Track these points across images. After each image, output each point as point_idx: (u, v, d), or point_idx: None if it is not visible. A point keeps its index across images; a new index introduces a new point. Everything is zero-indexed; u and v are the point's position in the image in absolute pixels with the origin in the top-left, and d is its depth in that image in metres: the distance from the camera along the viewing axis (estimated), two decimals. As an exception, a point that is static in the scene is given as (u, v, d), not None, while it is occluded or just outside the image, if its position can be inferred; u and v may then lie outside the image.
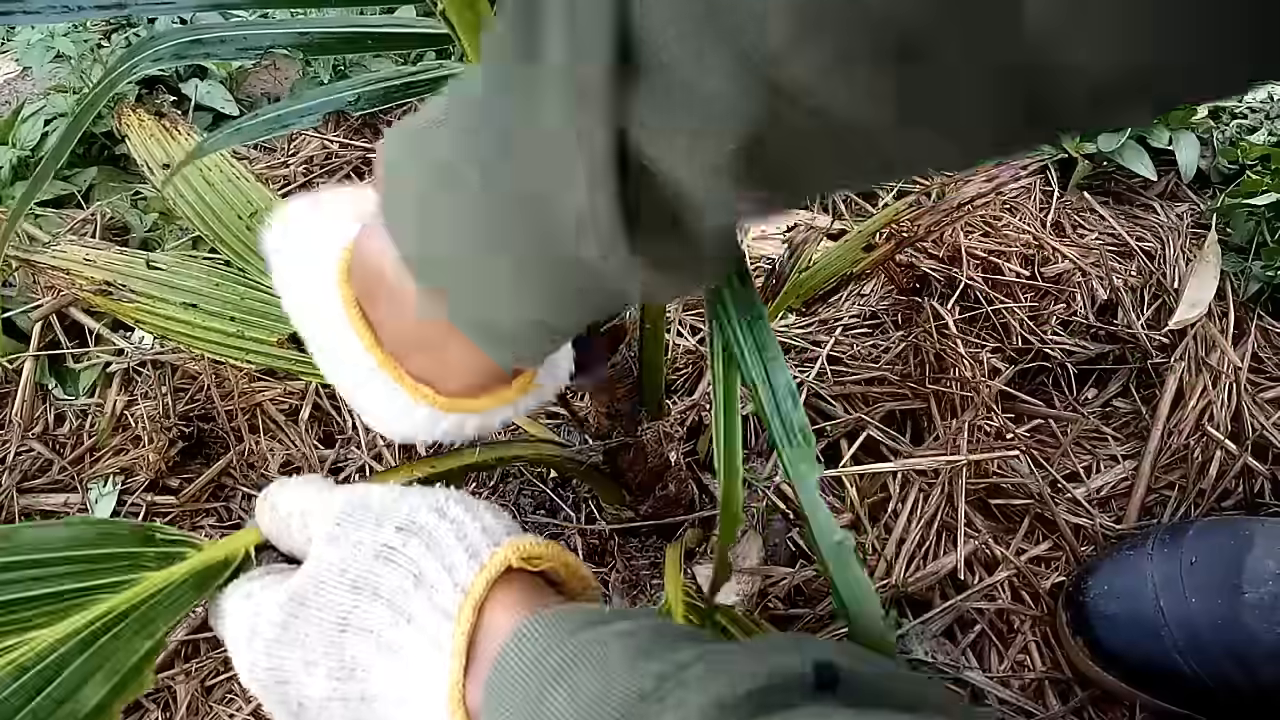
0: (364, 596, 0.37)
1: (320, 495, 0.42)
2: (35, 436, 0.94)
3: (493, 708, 0.34)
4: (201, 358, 0.94)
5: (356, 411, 0.40)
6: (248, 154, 1.19)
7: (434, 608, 0.36)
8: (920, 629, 0.75)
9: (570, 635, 0.33)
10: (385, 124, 1.24)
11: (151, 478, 0.90)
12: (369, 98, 0.55)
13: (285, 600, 0.38)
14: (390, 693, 0.37)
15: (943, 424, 0.87)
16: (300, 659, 0.37)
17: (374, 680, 0.37)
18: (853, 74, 0.22)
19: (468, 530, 0.38)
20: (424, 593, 0.37)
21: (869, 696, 0.29)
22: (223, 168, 0.78)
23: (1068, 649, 0.72)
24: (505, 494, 0.85)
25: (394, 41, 0.55)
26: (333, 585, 0.37)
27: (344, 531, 0.38)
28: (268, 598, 0.39)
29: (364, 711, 0.37)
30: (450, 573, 0.37)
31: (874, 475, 0.84)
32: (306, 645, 0.37)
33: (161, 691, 0.79)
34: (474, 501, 0.41)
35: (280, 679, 0.38)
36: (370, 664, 0.37)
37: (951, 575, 0.79)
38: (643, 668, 0.31)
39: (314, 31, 0.53)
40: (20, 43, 1.27)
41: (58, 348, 0.99)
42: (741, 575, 0.76)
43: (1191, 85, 0.22)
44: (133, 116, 0.83)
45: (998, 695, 0.71)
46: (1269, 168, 1.02)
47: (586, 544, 0.81)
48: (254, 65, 1.34)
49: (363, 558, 0.38)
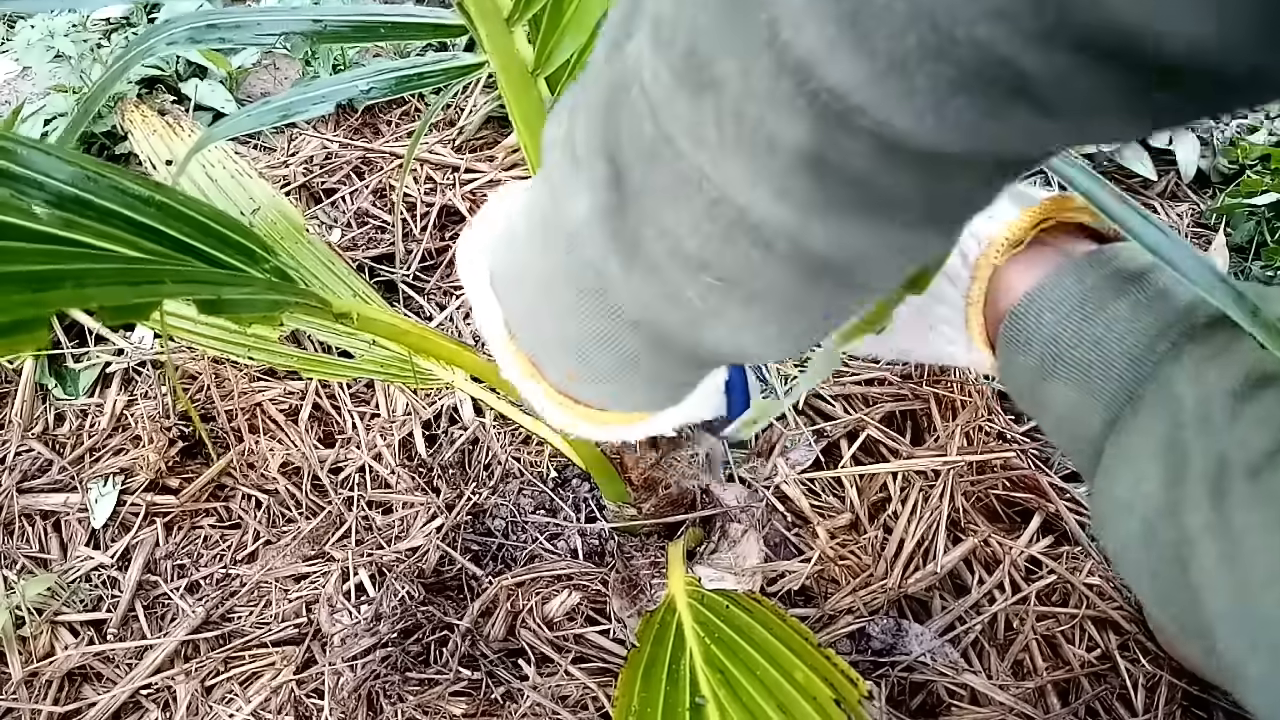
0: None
1: None
2: (35, 436, 0.94)
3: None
4: (202, 357, 0.94)
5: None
6: (247, 154, 1.19)
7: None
8: (920, 629, 0.75)
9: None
10: (385, 124, 1.25)
11: (151, 478, 0.90)
12: (380, 87, 0.55)
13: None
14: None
15: (943, 424, 0.87)
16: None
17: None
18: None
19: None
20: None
21: None
22: (225, 164, 0.78)
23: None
24: (505, 494, 0.85)
25: (408, 30, 0.55)
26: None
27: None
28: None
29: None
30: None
31: (874, 475, 0.84)
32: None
33: (161, 691, 0.78)
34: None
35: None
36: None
37: (952, 575, 0.78)
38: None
39: (328, 19, 0.53)
40: (20, 42, 1.27)
41: (58, 347, 0.99)
42: (741, 575, 0.76)
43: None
44: (135, 113, 0.83)
45: (997, 697, 0.71)
46: (1269, 168, 1.02)
47: (586, 544, 0.81)
48: (254, 65, 1.34)
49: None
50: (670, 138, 0.22)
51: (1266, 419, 0.29)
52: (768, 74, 0.20)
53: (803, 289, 0.24)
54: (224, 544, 0.87)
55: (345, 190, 1.13)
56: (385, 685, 0.73)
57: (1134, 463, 0.33)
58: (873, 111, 0.19)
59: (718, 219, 0.23)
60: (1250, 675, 0.28)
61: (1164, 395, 0.33)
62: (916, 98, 0.18)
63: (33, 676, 0.80)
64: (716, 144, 0.21)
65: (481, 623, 0.77)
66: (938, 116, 0.18)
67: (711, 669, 0.61)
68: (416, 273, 1.06)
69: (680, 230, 0.24)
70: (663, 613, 0.69)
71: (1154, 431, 0.32)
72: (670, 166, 0.23)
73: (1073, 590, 0.78)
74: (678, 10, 0.21)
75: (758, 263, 0.24)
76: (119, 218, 0.39)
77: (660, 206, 0.24)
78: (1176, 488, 0.31)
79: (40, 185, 0.37)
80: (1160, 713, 0.71)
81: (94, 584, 0.85)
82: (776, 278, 0.24)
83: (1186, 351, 0.33)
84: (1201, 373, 0.32)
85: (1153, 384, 0.33)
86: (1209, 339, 0.33)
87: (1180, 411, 0.32)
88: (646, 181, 0.24)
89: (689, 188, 0.23)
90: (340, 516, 0.87)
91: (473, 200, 1.11)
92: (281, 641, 0.80)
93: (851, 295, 0.26)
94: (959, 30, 0.17)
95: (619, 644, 0.75)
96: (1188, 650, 0.30)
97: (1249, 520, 0.28)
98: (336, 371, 0.79)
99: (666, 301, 0.26)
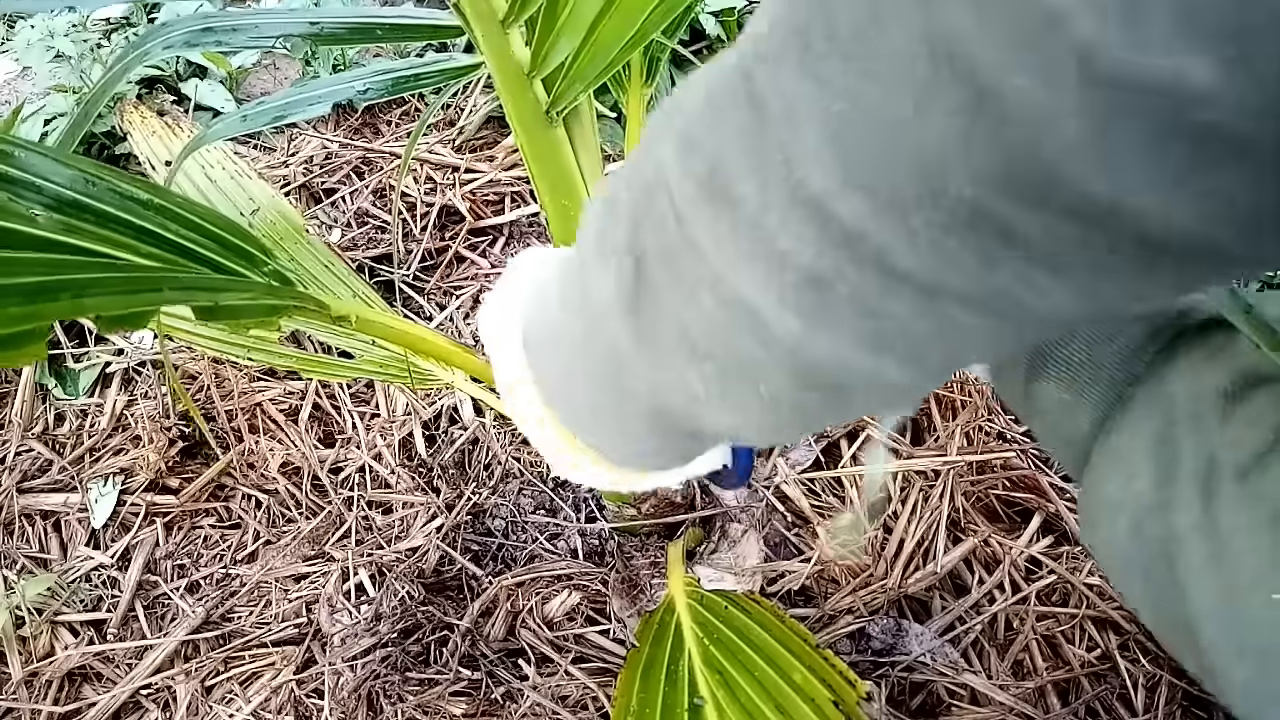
0: None
1: None
2: (35, 436, 0.94)
3: None
4: (202, 357, 0.94)
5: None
6: (247, 154, 1.19)
7: None
8: (920, 629, 0.75)
9: None
10: (385, 123, 1.24)
11: (151, 478, 0.90)
12: (377, 88, 0.55)
13: None
14: None
15: (943, 424, 0.86)
16: None
17: None
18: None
19: None
20: None
21: None
22: (224, 164, 0.78)
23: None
24: (505, 494, 0.85)
25: (405, 32, 0.55)
26: None
27: None
28: None
29: None
30: None
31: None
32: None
33: (161, 691, 0.79)
34: None
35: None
36: None
37: (952, 575, 0.78)
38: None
39: (325, 21, 0.53)
40: (20, 42, 1.27)
41: (58, 347, 0.99)
42: (741, 575, 0.76)
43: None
44: (135, 114, 0.83)
45: (997, 697, 0.71)
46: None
47: (586, 544, 0.81)
48: (254, 65, 1.34)
49: None
50: (692, 240, 0.24)
51: (1257, 419, 0.30)
52: (782, 203, 0.22)
53: (800, 392, 0.26)
54: (224, 544, 0.87)
55: (345, 190, 1.13)
56: (385, 685, 0.73)
57: (1125, 461, 0.33)
58: (877, 245, 0.21)
59: (727, 318, 0.25)
60: (1236, 679, 0.28)
61: (1156, 394, 0.33)
62: (916, 237, 0.20)
63: (33, 676, 0.80)
64: (733, 252, 0.23)
65: (481, 623, 0.77)
66: (936, 256, 0.20)
67: (710, 669, 0.61)
68: (416, 273, 1.06)
69: (692, 325, 0.26)
70: (662, 613, 0.69)
71: (1146, 430, 0.33)
72: (690, 266, 0.25)
73: (1073, 590, 0.78)
74: (704, 133, 0.23)
75: (761, 362, 0.25)
76: (118, 222, 0.39)
77: (676, 301, 0.26)
78: (1167, 486, 0.31)
79: (39, 189, 0.37)
80: (1160, 713, 0.71)
81: (94, 584, 0.85)
82: (778, 378, 0.26)
83: (1180, 352, 0.33)
84: (1195, 373, 0.32)
85: (1144, 384, 0.34)
86: (1204, 341, 0.33)
87: (1173, 410, 0.32)
88: (666, 277, 0.26)
89: (704, 287, 0.25)
90: (340, 516, 0.87)
91: (473, 200, 1.10)
92: (281, 641, 0.80)
93: (846, 409, 0.28)
94: (951, 186, 0.19)
95: (619, 644, 0.75)
96: (1171, 648, 0.31)
97: (1237, 521, 0.29)
98: (336, 372, 0.79)
99: (673, 385, 0.28)
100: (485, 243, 1.09)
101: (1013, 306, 0.22)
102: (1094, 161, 0.17)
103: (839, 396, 0.26)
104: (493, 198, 1.12)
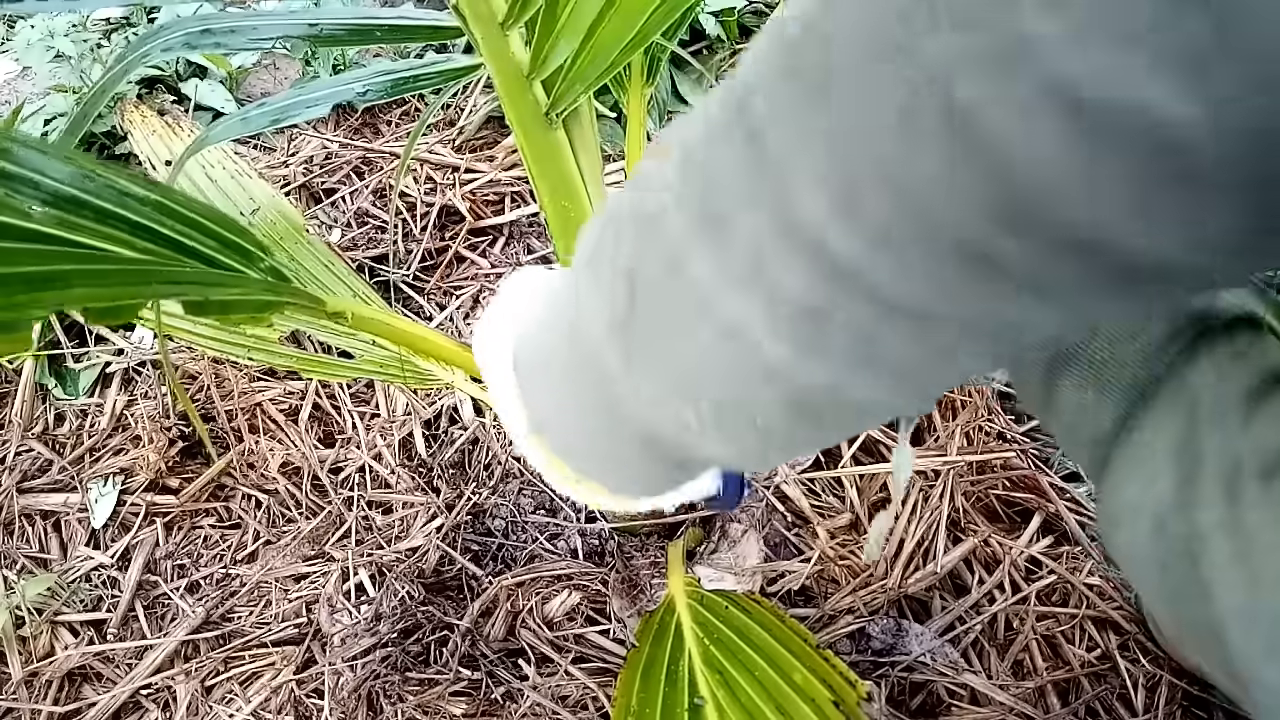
0: None
1: None
2: (35, 436, 0.94)
3: None
4: (202, 357, 0.94)
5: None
6: (247, 154, 1.19)
7: None
8: (920, 629, 0.75)
9: None
10: (386, 124, 1.24)
11: (151, 478, 0.90)
12: (377, 89, 0.55)
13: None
14: None
15: (943, 424, 0.86)
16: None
17: None
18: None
19: None
20: None
21: None
22: (224, 164, 0.78)
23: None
24: (505, 494, 0.85)
25: (404, 33, 0.55)
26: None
27: None
28: None
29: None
30: None
31: (874, 475, 0.84)
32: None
33: (161, 691, 0.79)
34: None
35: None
36: None
37: (952, 575, 0.78)
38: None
39: (324, 23, 0.53)
40: (20, 42, 1.27)
41: (58, 347, 0.99)
42: (741, 575, 0.76)
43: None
44: (135, 113, 0.83)
45: (997, 697, 0.71)
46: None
47: (586, 544, 0.81)
48: (254, 65, 1.34)
49: None
50: (687, 269, 0.24)
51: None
52: (777, 232, 0.22)
53: (793, 419, 0.26)
54: (224, 544, 0.87)
55: (345, 190, 1.13)
56: (385, 685, 0.73)
57: (1148, 460, 0.33)
58: (868, 274, 0.21)
59: (721, 346, 0.25)
60: (1266, 678, 0.28)
61: (1180, 393, 0.33)
62: (907, 267, 0.21)
63: (33, 676, 0.80)
64: (727, 281, 0.24)
65: (481, 623, 0.77)
66: (927, 284, 0.21)
67: (710, 669, 0.61)
68: (416, 273, 1.06)
69: (683, 353, 0.26)
70: (662, 613, 0.69)
71: (1169, 428, 0.33)
72: (684, 294, 0.25)
73: (1073, 590, 0.78)
74: (701, 164, 0.24)
75: (755, 390, 0.25)
76: (114, 217, 0.39)
77: (668, 328, 0.26)
78: (1191, 485, 0.31)
79: (36, 184, 0.37)
80: (1160, 713, 0.71)
81: (94, 584, 0.85)
82: (771, 406, 0.26)
83: (1204, 352, 0.34)
84: (1220, 372, 0.33)
85: (1167, 383, 0.34)
86: (1229, 340, 0.33)
87: (1197, 408, 0.32)
88: (660, 304, 0.26)
89: (697, 315, 0.25)
90: (340, 516, 0.87)
91: (472, 200, 1.10)
92: (281, 641, 0.80)
93: (838, 433, 0.28)
94: (939, 216, 0.19)
95: (619, 644, 0.75)
96: (1191, 651, 0.31)
97: (1263, 518, 0.29)
98: (336, 372, 0.79)
99: (663, 414, 0.28)
100: (485, 243, 1.09)
101: (1004, 328, 0.22)
102: (1074, 191, 0.17)
103: (832, 421, 0.27)
104: (493, 198, 1.12)
